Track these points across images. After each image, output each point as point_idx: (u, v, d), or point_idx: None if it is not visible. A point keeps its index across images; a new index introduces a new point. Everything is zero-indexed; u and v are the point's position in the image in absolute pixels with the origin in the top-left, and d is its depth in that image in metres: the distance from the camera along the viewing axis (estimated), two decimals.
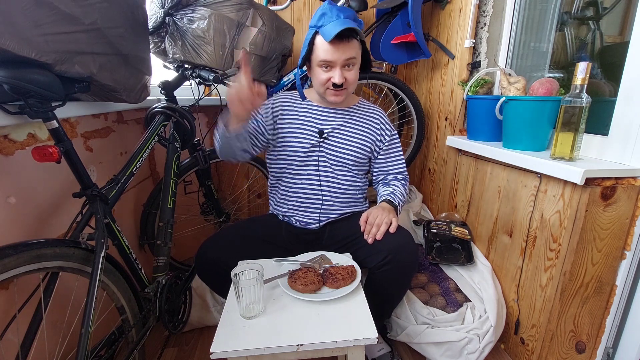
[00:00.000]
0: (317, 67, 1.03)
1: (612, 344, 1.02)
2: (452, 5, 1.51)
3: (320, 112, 1.13)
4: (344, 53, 0.99)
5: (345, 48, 0.98)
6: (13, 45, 0.62)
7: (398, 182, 1.16)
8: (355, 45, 1.00)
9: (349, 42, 0.98)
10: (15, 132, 0.82)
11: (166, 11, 1.08)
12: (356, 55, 1.02)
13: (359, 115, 1.15)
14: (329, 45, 0.98)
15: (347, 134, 1.12)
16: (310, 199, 1.12)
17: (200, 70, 1.11)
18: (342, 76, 1.01)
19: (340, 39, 0.97)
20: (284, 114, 1.13)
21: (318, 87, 1.07)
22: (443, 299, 1.22)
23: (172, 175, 1.15)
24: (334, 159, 1.11)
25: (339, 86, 1.02)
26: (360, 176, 1.17)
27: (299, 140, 1.10)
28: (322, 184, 1.11)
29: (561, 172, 0.93)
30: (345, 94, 1.06)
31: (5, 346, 0.74)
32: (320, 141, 1.10)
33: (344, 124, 1.12)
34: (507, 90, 1.19)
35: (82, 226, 0.85)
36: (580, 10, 1.17)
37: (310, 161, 1.11)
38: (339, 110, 1.14)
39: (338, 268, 0.89)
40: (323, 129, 1.10)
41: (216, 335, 0.72)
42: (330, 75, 1.02)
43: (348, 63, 1.01)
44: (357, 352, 0.76)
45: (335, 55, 0.99)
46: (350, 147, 1.11)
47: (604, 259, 0.96)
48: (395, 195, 1.09)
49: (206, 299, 1.34)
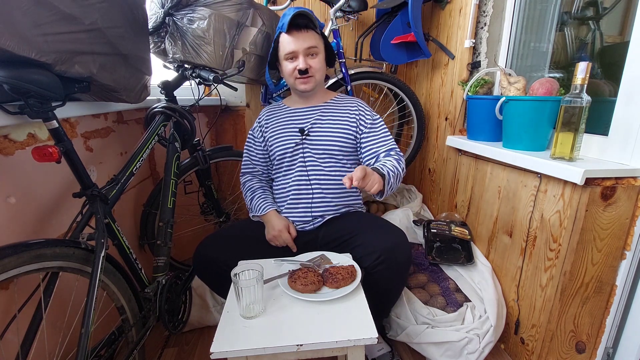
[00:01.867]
0: (284, 61, 1.12)
1: (612, 344, 1.02)
2: (452, 5, 1.51)
3: (299, 112, 1.18)
4: (305, 42, 1.07)
5: (305, 37, 1.07)
6: (13, 45, 0.62)
7: (390, 158, 1.10)
8: (314, 35, 1.09)
9: (307, 31, 1.07)
10: (15, 132, 0.82)
11: (166, 11, 1.07)
12: (317, 44, 1.09)
13: (336, 107, 1.18)
14: (289, 37, 1.07)
15: (325, 126, 1.15)
16: (301, 196, 1.13)
17: (200, 70, 1.11)
18: (305, 62, 1.07)
19: (298, 29, 1.07)
20: (268, 123, 1.20)
21: (288, 80, 1.15)
22: (443, 299, 1.22)
23: (172, 175, 1.15)
24: (318, 152, 1.13)
25: (304, 72, 1.08)
26: (349, 166, 1.17)
27: (283, 143, 1.15)
28: (311, 178, 1.13)
29: (561, 172, 0.93)
30: (313, 81, 1.11)
31: (5, 346, 0.74)
32: (302, 138, 1.13)
33: (321, 117, 1.16)
34: (507, 90, 1.19)
35: (82, 226, 0.85)
36: (580, 10, 1.17)
37: (297, 159, 1.14)
38: (314, 107, 1.18)
39: (338, 268, 0.89)
40: (303, 127, 1.14)
41: (216, 335, 0.72)
42: (295, 64, 1.09)
43: (310, 52, 1.09)
44: (357, 352, 0.76)
45: (296, 44, 1.07)
46: (331, 136, 1.14)
47: (604, 259, 0.96)
48: (385, 167, 1.02)
49: (206, 299, 1.34)
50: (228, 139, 1.86)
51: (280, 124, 1.18)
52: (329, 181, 1.14)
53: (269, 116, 1.22)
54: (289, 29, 1.06)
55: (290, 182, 1.15)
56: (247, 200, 1.21)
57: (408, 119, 1.71)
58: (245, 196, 1.22)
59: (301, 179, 1.13)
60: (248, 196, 1.21)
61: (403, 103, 1.67)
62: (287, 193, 1.15)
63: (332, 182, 1.14)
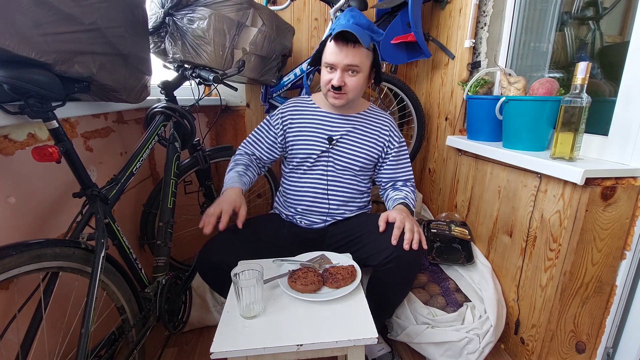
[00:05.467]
0: (323, 67, 1.07)
1: (612, 344, 1.02)
2: (452, 5, 1.51)
3: (329, 118, 1.14)
4: (346, 57, 0.99)
5: (349, 52, 0.99)
6: (13, 45, 0.61)
7: (407, 188, 1.15)
8: (361, 52, 1.00)
9: (354, 47, 0.99)
10: (15, 132, 0.82)
11: (166, 11, 1.07)
12: (360, 63, 1.01)
13: (368, 122, 1.15)
14: (334, 47, 1.00)
15: (355, 141, 1.12)
16: (317, 203, 1.13)
17: (200, 70, 1.11)
18: (341, 79, 1.02)
19: (345, 42, 0.98)
20: (293, 121, 1.15)
21: (322, 88, 1.10)
22: (443, 299, 1.22)
23: (172, 175, 1.15)
24: (341, 164, 1.12)
25: (337, 89, 1.03)
26: (365, 181, 1.19)
27: (309, 147, 1.12)
28: (330, 189, 1.13)
29: (561, 172, 0.93)
30: (345, 99, 1.06)
31: (5, 346, 0.74)
32: (329, 147, 1.11)
33: (352, 130, 1.13)
34: (507, 90, 1.19)
35: (82, 226, 0.85)
36: (580, 10, 1.17)
37: (318, 166, 1.13)
38: (347, 117, 1.14)
39: (338, 268, 0.89)
40: (332, 136, 1.11)
41: (216, 335, 0.72)
42: (331, 77, 1.03)
43: (350, 69, 1.02)
44: (357, 352, 0.76)
45: (337, 57, 1.00)
46: (358, 153, 1.12)
47: (604, 259, 0.96)
48: (409, 200, 1.09)
49: (206, 299, 1.34)
50: (228, 139, 1.86)
51: (308, 126, 1.13)
52: (346, 193, 1.14)
53: (296, 111, 1.16)
54: (335, 38, 0.99)
55: (306, 186, 1.14)
56: (226, 172, 1.15)
57: (408, 119, 1.71)
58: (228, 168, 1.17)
59: (319, 186, 1.13)
60: (229, 167, 1.16)
61: (403, 103, 1.67)
62: (302, 196, 1.14)
63: (349, 194, 1.15)
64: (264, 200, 1.85)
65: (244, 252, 1.01)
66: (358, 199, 1.17)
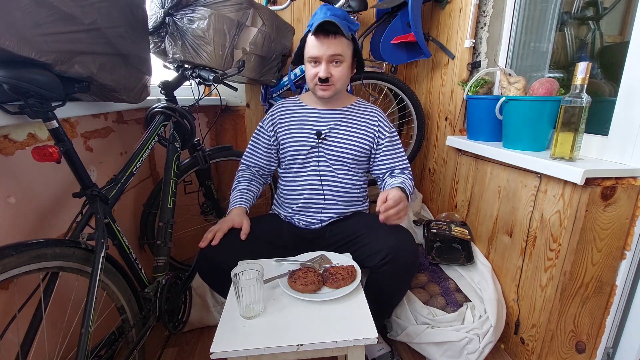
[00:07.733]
0: (307, 63, 1.08)
1: (612, 344, 1.02)
2: (452, 5, 1.51)
3: (317, 113, 1.15)
4: (329, 48, 1.02)
5: (330, 43, 1.02)
6: (13, 45, 0.61)
7: (405, 175, 1.14)
8: (341, 42, 1.03)
9: (335, 38, 1.01)
10: (15, 132, 0.82)
11: (166, 11, 1.07)
12: (342, 52, 1.04)
13: (356, 114, 1.16)
14: (315, 41, 1.03)
15: (344, 133, 1.13)
16: (312, 199, 1.13)
17: (200, 70, 1.11)
18: (326, 71, 1.04)
19: (326, 34, 1.01)
20: (282, 120, 1.16)
21: (309, 84, 1.11)
22: (443, 299, 1.22)
23: (172, 175, 1.15)
24: (333, 158, 1.12)
25: (324, 81, 1.05)
26: (360, 174, 1.18)
27: (298, 143, 1.12)
28: (324, 183, 1.12)
29: (561, 172, 0.93)
30: (333, 90, 1.08)
31: (5, 346, 0.74)
32: (318, 142, 1.11)
33: (340, 123, 1.14)
34: (507, 90, 1.19)
35: (82, 226, 0.85)
36: (580, 10, 1.17)
37: (310, 162, 1.13)
38: (335, 110, 1.15)
39: (338, 268, 0.89)
40: (320, 130, 1.12)
41: (216, 335, 0.72)
42: (317, 70, 1.05)
43: (334, 59, 1.04)
44: (357, 352, 0.76)
45: (320, 50, 1.02)
46: (349, 145, 1.12)
47: (604, 259, 0.96)
48: (406, 185, 1.08)
49: (206, 299, 1.34)
50: (228, 139, 1.86)
51: (296, 123, 1.15)
52: (340, 188, 1.14)
53: (283, 111, 1.18)
54: (316, 32, 1.01)
55: (301, 185, 1.14)
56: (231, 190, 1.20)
57: (408, 119, 1.71)
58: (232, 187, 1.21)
59: (314, 183, 1.13)
60: (233, 185, 1.20)
61: (403, 103, 1.67)
62: (298, 195, 1.14)
63: (344, 188, 1.14)
64: (264, 200, 1.85)
65: (243, 252, 1.01)
66: (354, 192, 1.16)
